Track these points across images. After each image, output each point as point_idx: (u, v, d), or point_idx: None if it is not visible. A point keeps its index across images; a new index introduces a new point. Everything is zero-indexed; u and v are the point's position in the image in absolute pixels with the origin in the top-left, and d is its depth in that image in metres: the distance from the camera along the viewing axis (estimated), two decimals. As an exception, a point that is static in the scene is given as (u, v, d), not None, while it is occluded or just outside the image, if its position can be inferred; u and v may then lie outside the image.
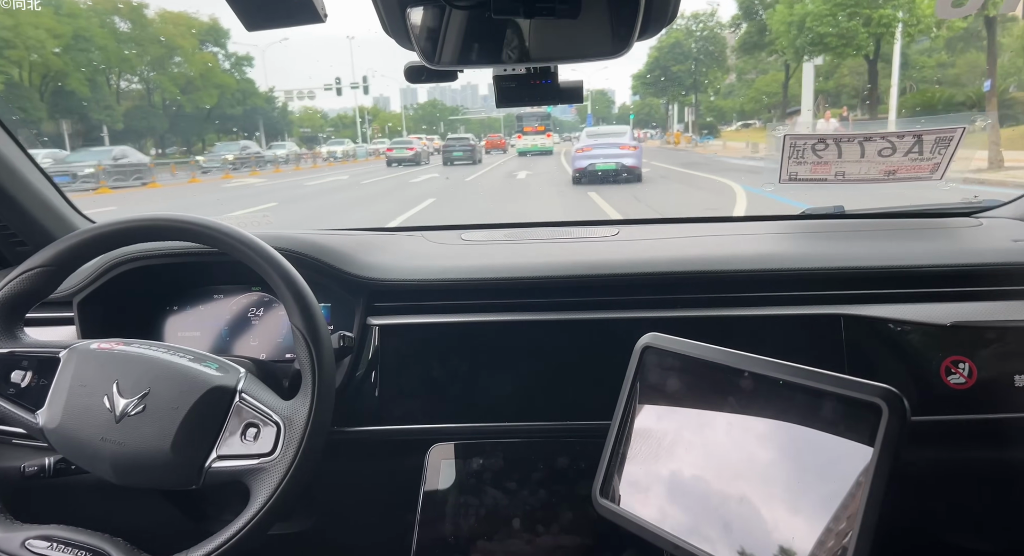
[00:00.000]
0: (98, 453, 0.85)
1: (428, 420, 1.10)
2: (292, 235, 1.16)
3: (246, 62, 38.07)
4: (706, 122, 43.26)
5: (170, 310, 1.24)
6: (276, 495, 0.82)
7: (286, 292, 0.90)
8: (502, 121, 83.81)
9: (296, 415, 0.86)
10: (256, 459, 0.84)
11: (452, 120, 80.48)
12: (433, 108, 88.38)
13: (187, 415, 0.84)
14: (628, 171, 13.37)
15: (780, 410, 0.69)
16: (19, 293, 0.92)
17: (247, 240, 0.91)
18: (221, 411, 0.86)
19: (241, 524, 0.82)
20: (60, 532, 0.84)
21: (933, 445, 1.03)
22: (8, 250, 1.29)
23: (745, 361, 0.72)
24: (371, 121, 65.84)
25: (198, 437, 0.85)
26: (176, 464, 0.84)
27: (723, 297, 1.11)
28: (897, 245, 1.22)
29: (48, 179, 1.29)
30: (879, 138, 1.36)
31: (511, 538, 0.98)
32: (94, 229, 0.93)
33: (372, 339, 1.12)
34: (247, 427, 0.86)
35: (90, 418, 0.85)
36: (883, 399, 0.60)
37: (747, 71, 43.07)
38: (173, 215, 0.93)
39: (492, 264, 1.18)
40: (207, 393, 0.86)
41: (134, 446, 0.84)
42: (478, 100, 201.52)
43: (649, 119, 64.41)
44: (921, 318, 1.04)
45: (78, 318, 1.14)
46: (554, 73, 0.96)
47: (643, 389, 0.81)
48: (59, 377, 0.88)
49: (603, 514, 0.78)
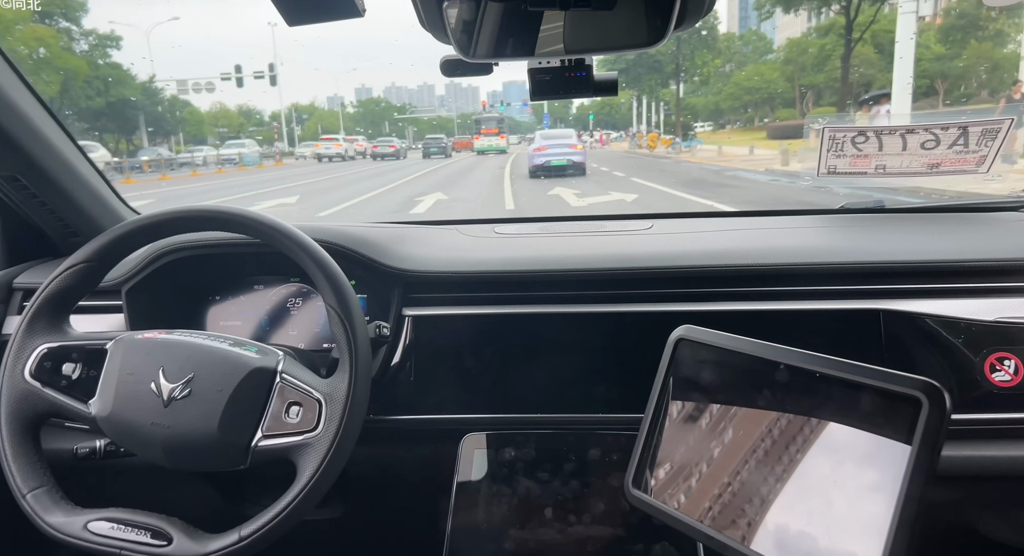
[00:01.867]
0: (149, 438, 0.88)
1: (461, 410, 1.11)
2: (330, 227, 1.19)
3: (111, 43, 29.97)
4: (674, 121, 37.02)
5: (213, 300, 1.27)
6: (321, 469, 0.85)
7: (318, 273, 0.92)
8: (455, 122, 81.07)
9: (336, 391, 0.89)
10: (301, 435, 0.87)
11: (399, 119, 75.15)
12: (375, 106, 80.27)
13: (231, 396, 0.87)
14: (575, 166, 16.66)
15: (816, 403, 0.68)
16: (64, 289, 0.95)
17: (284, 229, 0.94)
18: (264, 392, 0.89)
19: (290, 498, 0.85)
20: (120, 514, 0.87)
21: (976, 444, 1.00)
22: (62, 241, 1.34)
23: (781, 353, 0.71)
24: (306, 120, 61.21)
25: (243, 418, 0.88)
26: (224, 445, 0.87)
27: (759, 291, 1.10)
28: (939, 239, 1.19)
29: (98, 173, 1.34)
30: (922, 130, 1.33)
31: (543, 527, 0.98)
32: (133, 223, 0.96)
33: (407, 330, 1.14)
34: (290, 405, 0.89)
35: (139, 404, 0.88)
36: (923, 393, 0.59)
37: (721, 64, 38.39)
38: (211, 206, 0.96)
39: (526, 257, 1.18)
40: (249, 374, 0.89)
41: (183, 429, 0.87)
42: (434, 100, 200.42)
43: (610, 119, 59.20)
44: (964, 314, 1.02)
45: (126, 306, 1.18)
46: (589, 66, 0.96)
47: (676, 381, 0.81)
48: (107, 367, 0.91)
49: (635, 505, 0.78)
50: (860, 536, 0.62)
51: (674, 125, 36.11)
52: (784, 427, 0.70)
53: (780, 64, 36.99)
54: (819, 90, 33.24)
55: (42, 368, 0.91)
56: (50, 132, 1.19)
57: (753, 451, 0.72)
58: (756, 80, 35.71)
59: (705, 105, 40.78)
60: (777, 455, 0.70)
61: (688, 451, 0.78)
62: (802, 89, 33.95)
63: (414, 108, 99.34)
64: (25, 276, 1.28)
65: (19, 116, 1.12)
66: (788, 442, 0.70)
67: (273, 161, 30.97)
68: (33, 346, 0.92)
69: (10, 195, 1.23)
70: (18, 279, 1.27)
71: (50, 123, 1.19)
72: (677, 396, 0.80)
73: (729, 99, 37.64)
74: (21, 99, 1.12)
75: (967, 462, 1.00)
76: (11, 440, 0.88)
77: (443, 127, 76.64)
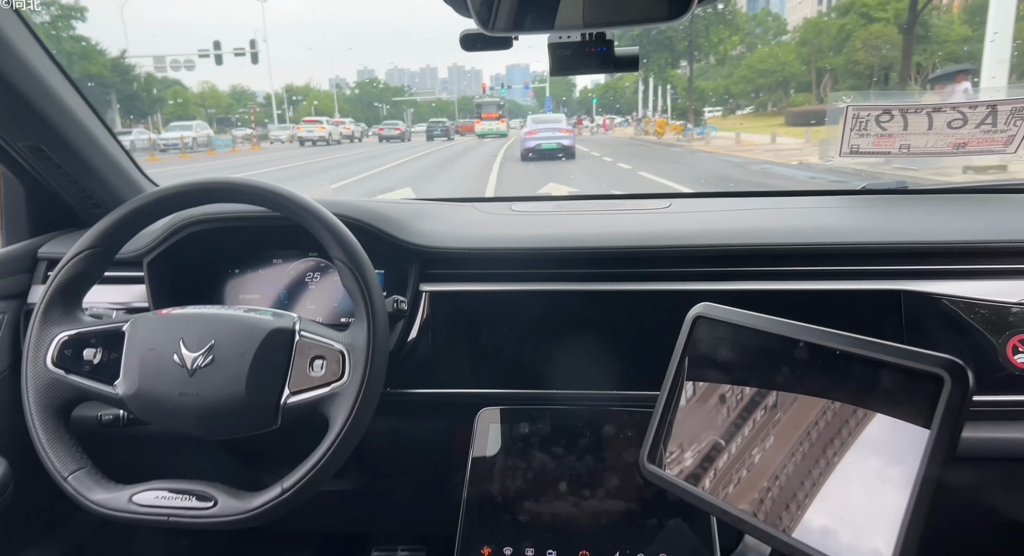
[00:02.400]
0: (179, 409, 0.89)
1: (477, 385, 1.12)
2: (349, 201, 1.19)
3: (75, 15, 28.55)
4: (682, 105, 34.21)
5: (232, 273, 1.29)
6: (352, 416, 0.87)
7: (330, 238, 0.93)
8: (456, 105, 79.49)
9: (356, 340, 0.91)
10: (327, 386, 0.89)
11: (397, 102, 73.54)
12: (373, 88, 78.07)
13: (254, 358, 0.89)
14: (565, 150, 17.51)
15: (835, 381, 0.68)
16: (73, 277, 0.96)
17: (302, 202, 0.94)
18: (285, 350, 0.90)
19: (325, 447, 0.86)
20: (162, 483, 0.88)
21: (997, 425, 1.00)
22: (85, 212, 1.36)
23: (800, 331, 0.71)
24: (300, 101, 59.35)
25: (269, 377, 0.89)
26: (253, 406, 0.88)
27: (778, 271, 1.09)
28: (962, 220, 1.17)
29: (119, 145, 1.35)
30: (949, 108, 1.30)
31: (558, 500, 1.00)
32: (138, 201, 0.97)
33: (424, 305, 1.14)
34: (313, 360, 0.90)
35: (165, 377, 0.89)
36: (946, 370, 0.58)
37: (738, 41, 35.55)
38: (223, 178, 0.97)
39: (543, 234, 1.18)
40: (268, 335, 0.90)
41: (211, 396, 0.88)
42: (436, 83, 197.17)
43: (614, 103, 56.73)
44: (986, 295, 1.00)
45: (148, 278, 1.20)
46: (610, 41, 0.94)
47: (693, 359, 0.81)
48: (127, 347, 0.92)
49: (650, 479, 0.79)
50: (875, 514, 0.62)
51: (683, 110, 33.61)
52: (801, 405, 0.70)
53: (795, 46, 34.90)
54: (836, 73, 31.36)
55: (63, 356, 0.92)
56: (73, 104, 1.20)
57: (769, 429, 0.72)
58: (771, 62, 33.72)
59: (715, 89, 38.18)
60: (793, 433, 0.70)
61: (703, 428, 0.78)
62: (819, 71, 32.22)
63: (413, 91, 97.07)
64: (49, 246, 1.30)
65: (44, 88, 1.13)
66: (805, 420, 0.70)
67: (250, 145, 30.27)
68: (51, 336, 0.93)
69: (34, 166, 1.25)
70: (42, 249, 1.29)
71: (74, 95, 1.20)
72: (693, 374, 0.81)
73: (741, 82, 35.47)
74: (47, 71, 1.13)
75: (987, 443, 0.99)
76: (44, 427, 0.89)
77: (443, 110, 75.35)
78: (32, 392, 0.90)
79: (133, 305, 1.21)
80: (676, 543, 0.94)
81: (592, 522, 0.97)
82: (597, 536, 0.96)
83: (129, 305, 1.21)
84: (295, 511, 0.87)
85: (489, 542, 0.96)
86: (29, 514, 1.24)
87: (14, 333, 1.23)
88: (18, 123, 1.16)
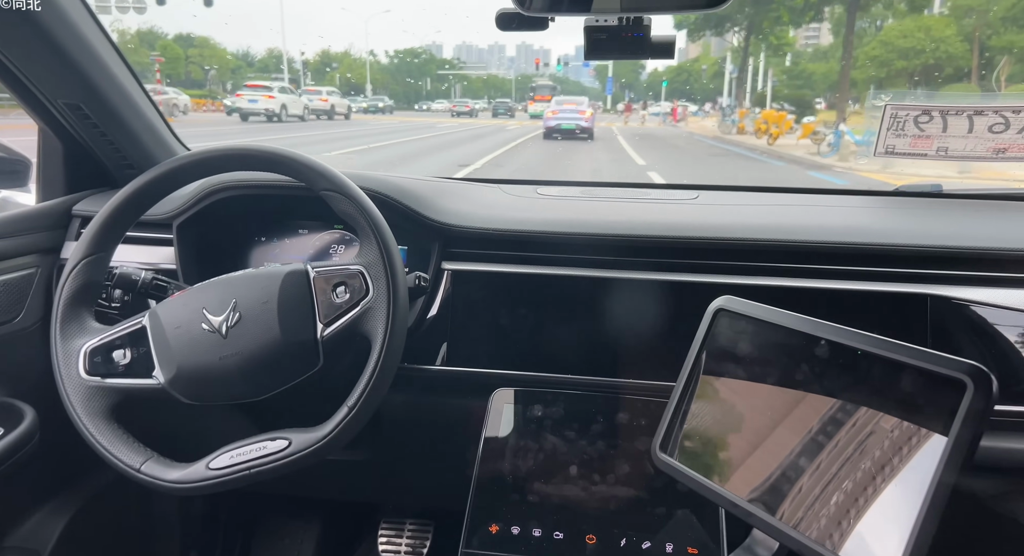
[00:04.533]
0: (226, 374, 0.89)
1: (493, 365, 1.13)
2: (376, 176, 1.20)
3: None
4: (784, 94, 24.30)
5: (259, 241, 1.30)
6: (391, 324, 0.89)
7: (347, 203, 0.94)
8: (513, 83, 75.66)
9: (370, 257, 0.93)
10: (358, 305, 0.91)
11: (442, 74, 69.54)
12: (413, 58, 70.21)
13: (279, 303, 0.90)
14: (584, 131, 18.71)
15: (855, 382, 0.67)
16: (77, 290, 0.96)
17: (327, 172, 0.96)
18: (305, 288, 0.92)
19: (375, 359, 0.88)
20: (231, 445, 0.88)
21: (1017, 437, 0.98)
22: (119, 172, 1.38)
23: (823, 328, 0.70)
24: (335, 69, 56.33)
25: (299, 316, 0.91)
26: (294, 347, 0.90)
27: (803, 268, 1.08)
28: (995, 226, 1.15)
29: (156, 108, 1.37)
30: (992, 112, 1.27)
31: (567, 483, 1.00)
32: (127, 193, 0.97)
33: (445, 283, 1.15)
34: (335, 287, 0.92)
35: (201, 347, 0.90)
36: (969, 376, 0.58)
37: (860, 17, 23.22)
38: (242, 145, 0.98)
39: (567, 218, 1.18)
40: (284, 279, 0.92)
41: (251, 349, 0.89)
42: (504, 60, 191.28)
43: (686, 89, 51.00)
44: (1015, 303, 0.99)
45: (177, 241, 1.22)
46: (647, 26, 0.93)
47: (712, 352, 0.81)
48: (153, 336, 0.92)
49: (661, 468, 0.79)
50: (886, 517, 0.61)
51: (785, 100, 22.07)
52: (818, 404, 0.70)
53: (952, 17, 24.08)
54: (1017, 55, 22.30)
55: (95, 363, 0.92)
56: (113, 65, 1.22)
57: (784, 426, 0.72)
58: (916, 38, 23.00)
59: (825, 74, 26.88)
60: (809, 432, 0.70)
61: (718, 421, 0.78)
62: (983, 51, 22.23)
63: (461, 63, 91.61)
64: (84, 204, 1.32)
65: (87, 47, 1.14)
66: (821, 419, 0.69)
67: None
68: (75, 348, 0.93)
69: (73, 123, 1.27)
70: (77, 206, 1.32)
71: (114, 56, 1.22)
72: (711, 366, 0.80)
73: (874, 65, 23.78)
74: (89, 31, 1.15)
75: (1006, 454, 0.98)
76: (99, 433, 0.90)
77: (498, 87, 72.03)
78: (76, 403, 0.90)
79: (161, 266, 1.24)
80: (683, 533, 0.94)
81: (600, 507, 0.98)
82: (604, 521, 0.96)
83: (158, 266, 1.24)
84: (306, 475, 0.89)
85: (497, 520, 0.97)
86: (53, 463, 1.27)
87: (46, 286, 1.26)
88: (59, 80, 1.17)
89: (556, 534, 0.95)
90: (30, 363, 1.20)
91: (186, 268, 1.22)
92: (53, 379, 0.92)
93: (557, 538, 0.95)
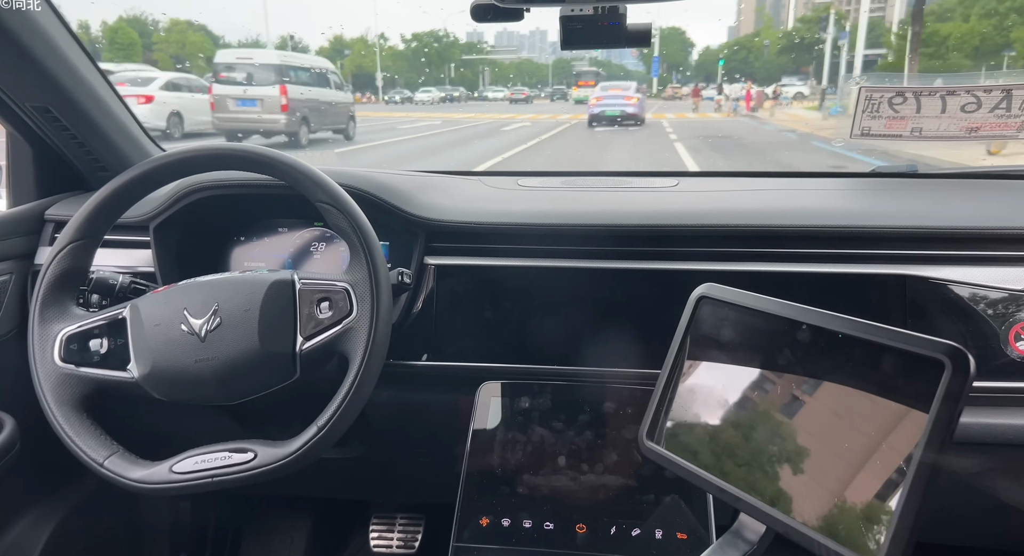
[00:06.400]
0: (199, 377, 0.88)
1: (479, 359, 1.13)
2: (355, 172, 1.18)
3: None
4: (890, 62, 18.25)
5: (238, 240, 1.29)
6: (371, 346, 0.88)
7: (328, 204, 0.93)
8: (550, 68, 71.11)
9: (358, 275, 0.91)
10: (339, 324, 0.90)
11: (469, 60, 61.57)
12: (432, 43, 60.99)
13: (261, 312, 0.89)
14: (630, 117, 17.41)
15: (836, 365, 0.68)
16: (61, 273, 0.94)
17: (325, 183, 0.94)
18: (289, 299, 0.91)
19: (350, 380, 0.87)
20: (198, 450, 0.87)
21: (996, 411, 1.00)
22: (91, 175, 1.36)
23: (804, 313, 0.71)
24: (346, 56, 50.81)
25: (279, 327, 0.90)
26: (270, 358, 0.89)
27: (783, 253, 1.08)
28: (970, 206, 1.17)
29: (127, 109, 1.34)
30: (964, 92, 1.28)
31: (556, 474, 1.01)
32: (116, 185, 0.95)
33: (429, 278, 1.15)
34: (319, 302, 0.91)
35: (178, 348, 0.89)
36: (947, 356, 0.59)
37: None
38: (220, 145, 0.96)
39: (549, 210, 1.18)
40: (269, 288, 0.91)
41: (227, 355, 0.88)
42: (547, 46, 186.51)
43: (746, 67, 46.74)
44: (990, 282, 1.00)
45: (154, 243, 1.20)
46: (623, 15, 0.93)
47: (696, 339, 0.81)
48: (132, 329, 0.91)
49: (649, 456, 0.80)
50: (871, 497, 0.62)
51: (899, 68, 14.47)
52: (801, 388, 0.71)
53: None
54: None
55: (70, 351, 0.91)
56: (82, 66, 1.19)
57: (768, 410, 0.73)
58: None
59: (966, 35, 19.01)
60: (792, 416, 0.71)
61: (703, 407, 0.79)
62: None
63: (489, 47, 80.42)
64: (56, 208, 1.30)
65: (53, 48, 1.12)
66: (804, 404, 0.70)
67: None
68: (53, 334, 0.92)
69: (42, 127, 1.24)
70: (49, 211, 1.30)
71: (82, 57, 1.19)
72: (695, 353, 0.81)
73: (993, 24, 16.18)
74: (55, 32, 1.12)
75: (986, 429, 1.00)
76: (67, 422, 0.89)
77: (533, 73, 67.88)
78: (47, 390, 0.89)
79: (139, 269, 1.22)
80: (672, 519, 0.95)
81: (590, 497, 0.99)
82: (594, 510, 0.97)
83: (135, 269, 1.22)
84: (297, 476, 0.89)
85: (487, 513, 0.98)
86: (36, 472, 1.26)
87: (21, 293, 1.24)
88: (27, 83, 1.15)
89: (546, 525, 0.96)
90: (7, 372, 1.18)
91: (165, 270, 1.20)
92: (32, 389, 0.91)
93: (547, 529, 0.96)
